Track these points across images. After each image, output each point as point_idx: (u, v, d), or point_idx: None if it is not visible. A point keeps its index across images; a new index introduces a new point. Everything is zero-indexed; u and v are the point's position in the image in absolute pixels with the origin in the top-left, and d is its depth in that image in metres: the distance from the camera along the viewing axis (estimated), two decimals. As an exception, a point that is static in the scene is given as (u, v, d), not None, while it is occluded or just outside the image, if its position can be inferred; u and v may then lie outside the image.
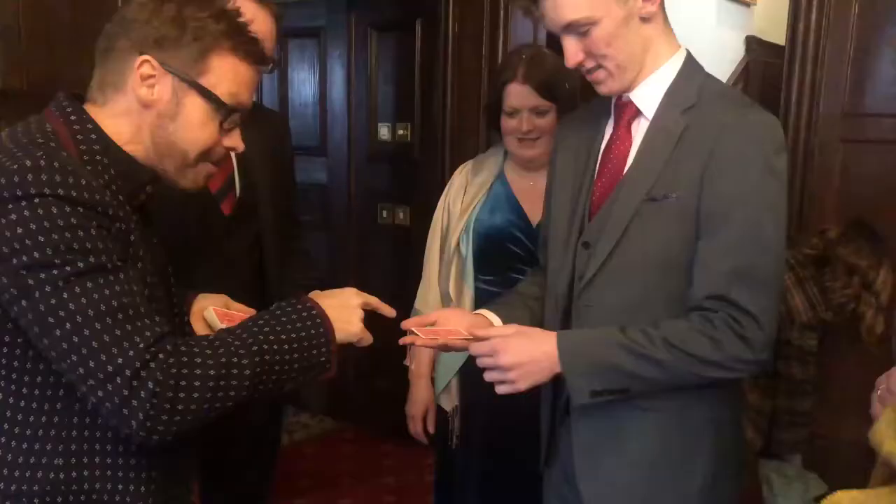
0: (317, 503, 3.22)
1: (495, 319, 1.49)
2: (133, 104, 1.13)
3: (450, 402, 2.07)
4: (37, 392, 1.07)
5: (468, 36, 3.21)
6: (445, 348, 1.46)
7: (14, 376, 1.07)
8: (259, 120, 1.87)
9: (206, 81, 1.14)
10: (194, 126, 1.15)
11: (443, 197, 2.09)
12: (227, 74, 1.15)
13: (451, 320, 1.45)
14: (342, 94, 3.78)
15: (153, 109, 1.13)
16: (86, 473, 1.10)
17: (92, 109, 1.15)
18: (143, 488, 1.13)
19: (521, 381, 1.32)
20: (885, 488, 0.73)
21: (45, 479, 1.08)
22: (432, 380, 2.08)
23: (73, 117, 1.12)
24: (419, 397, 2.08)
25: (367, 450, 3.68)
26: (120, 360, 1.00)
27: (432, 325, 1.45)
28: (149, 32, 1.11)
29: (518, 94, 1.89)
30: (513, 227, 1.97)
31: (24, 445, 1.08)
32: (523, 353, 1.32)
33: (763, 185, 1.29)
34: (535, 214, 1.90)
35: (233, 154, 1.76)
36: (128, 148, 1.14)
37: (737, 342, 1.28)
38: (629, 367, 1.30)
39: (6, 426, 1.08)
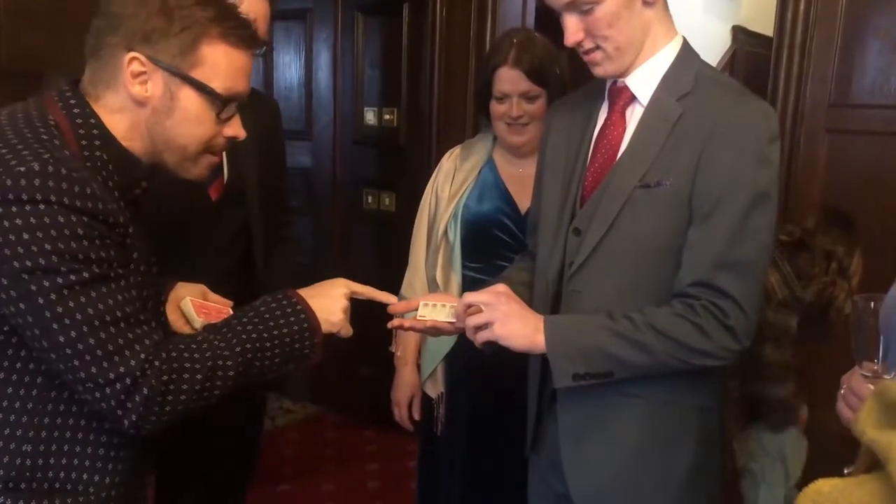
0: (300, 489, 3.21)
1: None
2: (127, 101, 1.12)
3: (435, 389, 2.06)
4: (14, 378, 1.07)
5: (456, 20, 3.19)
6: (434, 332, 1.45)
7: None
8: (250, 104, 1.84)
9: (200, 74, 1.12)
10: (191, 121, 1.13)
11: (431, 182, 2.08)
12: (221, 64, 1.13)
13: None
14: (328, 77, 3.75)
15: (147, 106, 1.12)
16: (52, 461, 1.10)
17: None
18: (107, 479, 1.14)
19: (501, 325, 1.31)
20: (866, 475, 0.73)
21: (11, 464, 1.07)
22: (418, 366, 2.07)
23: (76, 110, 1.10)
24: (405, 384, 2.07)
25: (351, 436, 3.67)
26: (122, 369, 1.03)
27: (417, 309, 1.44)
28: (136, 26, 1.09)
29: (508, 79, 1.87)
30: (501, 215, 1.96)
31: None
32: (518, 304, 1.35)
33: (756, 174, 1.29)
34: (523, 202, 1.89)
35: None
36: (126, 143, 1.13)
37: (722, 331, 1.29)
38: (613, 349, 1.30)
39: None
